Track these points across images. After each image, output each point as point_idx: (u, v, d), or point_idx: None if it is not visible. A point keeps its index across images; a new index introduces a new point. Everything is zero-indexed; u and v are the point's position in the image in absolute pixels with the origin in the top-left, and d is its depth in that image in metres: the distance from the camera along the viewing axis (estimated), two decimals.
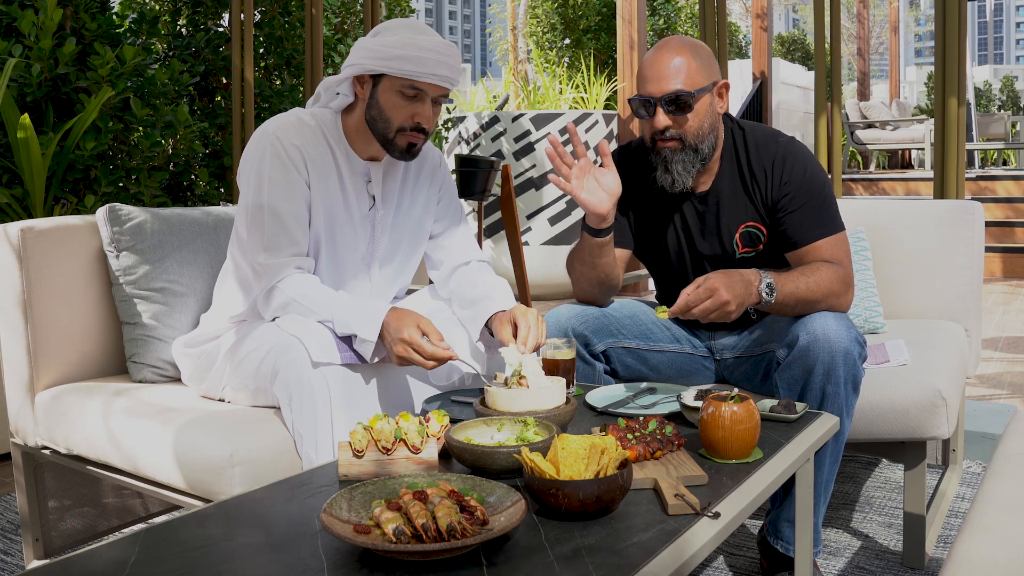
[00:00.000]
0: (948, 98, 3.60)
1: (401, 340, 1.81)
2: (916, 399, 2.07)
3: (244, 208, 1.98)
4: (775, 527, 2.02)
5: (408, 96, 1.92)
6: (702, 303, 1.83)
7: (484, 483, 1.28)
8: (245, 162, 1.99)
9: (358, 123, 2.01)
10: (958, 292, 2.65)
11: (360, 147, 2.04)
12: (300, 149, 1.96)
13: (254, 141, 1.99)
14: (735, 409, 1.48)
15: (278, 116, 2.02)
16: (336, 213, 2.01)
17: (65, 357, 2.18)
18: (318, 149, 1.99)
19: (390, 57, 1.89)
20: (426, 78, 1.89)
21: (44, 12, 3.49)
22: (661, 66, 2.01)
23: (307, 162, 1.96)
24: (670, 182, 2.06)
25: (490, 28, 15.98)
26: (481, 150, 6.38)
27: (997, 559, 1.10)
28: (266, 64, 5.33)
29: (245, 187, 1.98)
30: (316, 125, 2.01)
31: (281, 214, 1.94)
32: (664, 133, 2.02)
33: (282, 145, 1.94)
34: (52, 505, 2.36)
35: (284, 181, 1.94)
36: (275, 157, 1.94)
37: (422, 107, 1.93)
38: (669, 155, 2.04)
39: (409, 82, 1.90)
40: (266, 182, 1.94)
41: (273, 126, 1.97)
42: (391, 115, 1.94)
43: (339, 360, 1.83)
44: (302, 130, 1.98)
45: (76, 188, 3.81)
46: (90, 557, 1.17)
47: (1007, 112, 22.36)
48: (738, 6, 22.20)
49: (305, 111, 2.04)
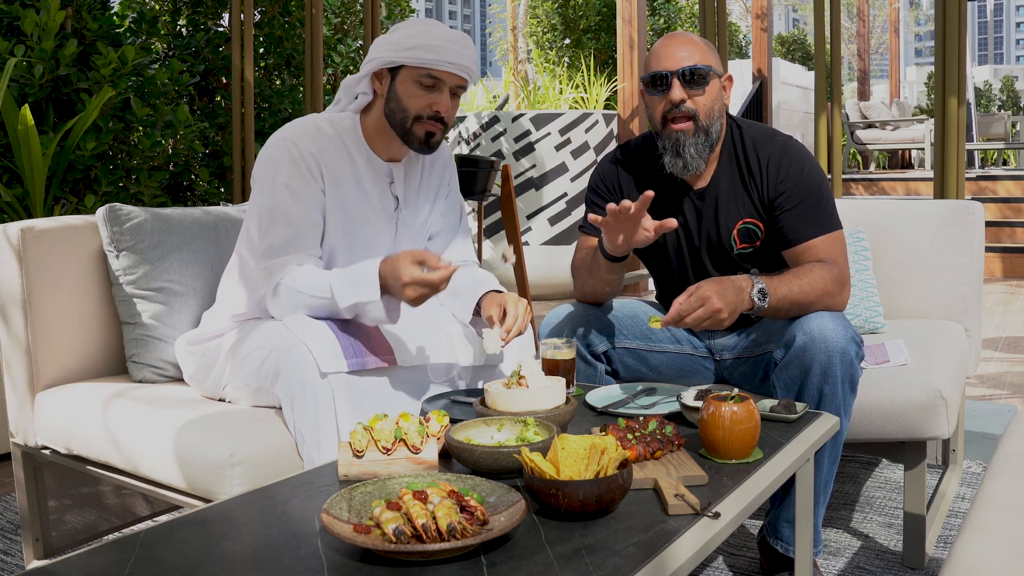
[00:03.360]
0: (948, 98, 3.60)
1: (405, 284, 1.78)
2: (916, 399, 2.07)
3: (257, 211, 1.99)
4: (775, 527, 2.02)
5: (426, 86, 1.94)
6: (694, 312, 1.83)
7: (484, 483, 1.28)
8: (261, 166, 2.01)
9: (377, 122, 2.02)
10: (958, 292, 2.65)
11: (380, 148, 2.05)
12: (316, 157, 1.97)
13: (271, 146, 2.00)
14: (735, 409, 1.48)
15: (296, 121, 2.03)
16: (358, 218, 2.02)
17: (65, 357, 2.18)
18: (335, 157, 2.00)
19: (406, 47, 1.92)
20: (442, 66, 1.92)
21: (46, 12, 3.49)
22: (675, 46, 2.03)
23: (323, 170, 1.98)
24: (681, 166, 2.05)
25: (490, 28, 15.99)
26: (481, 150, 6.38)
27: (997, 559, 1.10)
28: (266, 64, 5.33)
29: (259, 190, 1.99)
30: (334, 132, 2.02)
31: (295, 220, 1.94)
32: (680, 107, 2.02)
33: (299, 152, 1.96)
34: (52, 505, 2.36)
35: (300, 187, 1.95)
36: (292, 163, 1.95)
37: (440, 96, 1.95)
38: (681, 138, 2.03)
39: (426, 71, 1.92)
40: (280, 188, 1.95)
41: (291, 132, 1.99)
42: (408, 104, 1.95)
43: (346, 368, 1.82)
44: (319, 137, 1.99)
45: (76, 188, 3.81)
46: (90, 557, 1.17)
47: (1007, 112, 22.37)
48: (738, 6, 22.19)
49: (323, 117, 2.05)
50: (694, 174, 2.09)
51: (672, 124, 2.03)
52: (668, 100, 2.03)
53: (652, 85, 2.05)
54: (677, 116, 2.03)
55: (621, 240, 1.95)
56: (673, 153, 2.05)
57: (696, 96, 2.03)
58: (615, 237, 1.95)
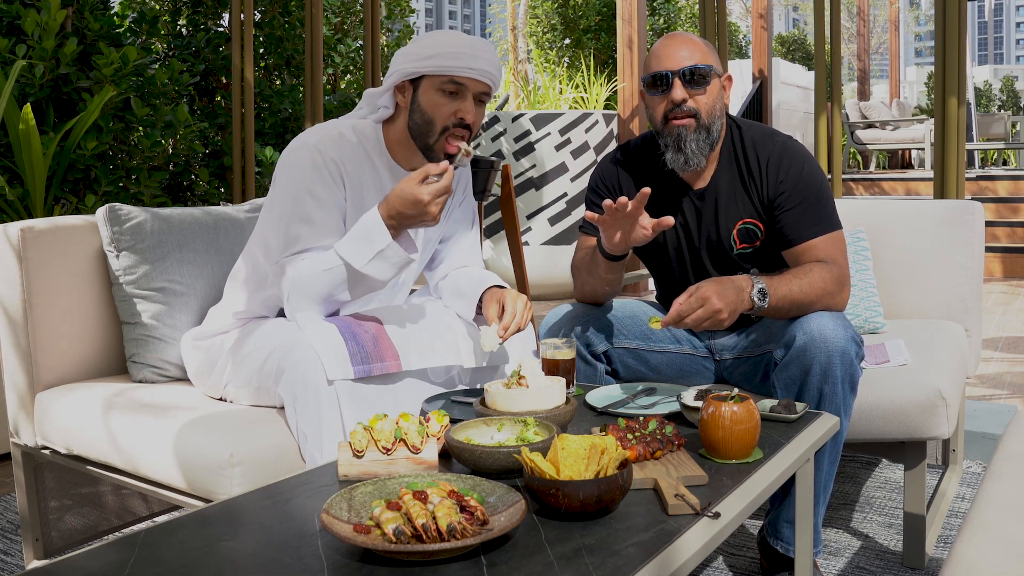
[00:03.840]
0: (948, 98, 3.60)
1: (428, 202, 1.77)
2: (916, 399, 2.07)
3: (277, 215, 1.97)
4: (775, 527, 2.02)
5: (449, 92, 1.93)
6: (694, 312, 1.83)
7: (484, 483, 1.28)
8: (283, 170, 1.99)
9: (400, 134, 2.02)
10: (958, 292, 2.65)
11: (403, 158, 2.05)
12: (339, 164, 1.96)
13: (294, 151, 1.98)
14: (735, 409, 1.48)
15: (319, 127, 2.02)
16: None
17: (65, 357, 2.18)
18: (357, 165, 1.99)
19: (426, 56, 1.91)
20: (464, 72, 1.91)
21: (47, 12, 3.49)
22: (675, 46, 2.03)
23: (345, 178, 1.97)
24: (683, 161, 2.04)
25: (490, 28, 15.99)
26: (481, 150, 6.38)
27: (997, 559, 1.10)
28: (266, 64, 5.33)
29: (282, 195, 1.97)
30: (357, 141, 2.01)
31: (317, 226, 1.93)
32: (681, 106, 2.02)
33: (322, 158, 1.95)
34: (52, 505, 2.36)
35: (323, 193, 1.94)
36: (314, 169, 1.94)
37: (464, 103, 1.94)
38: (683, 133, 2.02)
39: (448, 77, 1.92)
40: (305, 193, 1.93)
41: (314, 138, 1.97)
42: (434, 114, 1.94)
43: (352, 375, 1.81)
44: (342, 145, 1.98)
45: (76, 188, 3.81)
46: (90, 557, 1.17)
47: (1007, 112, 22.37)
48: (738, 6, 22.20)
49: (345, 124, 2.03)
50: (694, 172, 2.09)
51: (674, 120, 2.03)
52: (670, 100, 2.03)
53: (653, 85, 2.05)
54: (679, 114, 2.03)
55: (619, 238, 1.95)
56: (675, 148, 2.04)
57: (697, 95, 2.03)
58: (613, 235, 1.95)
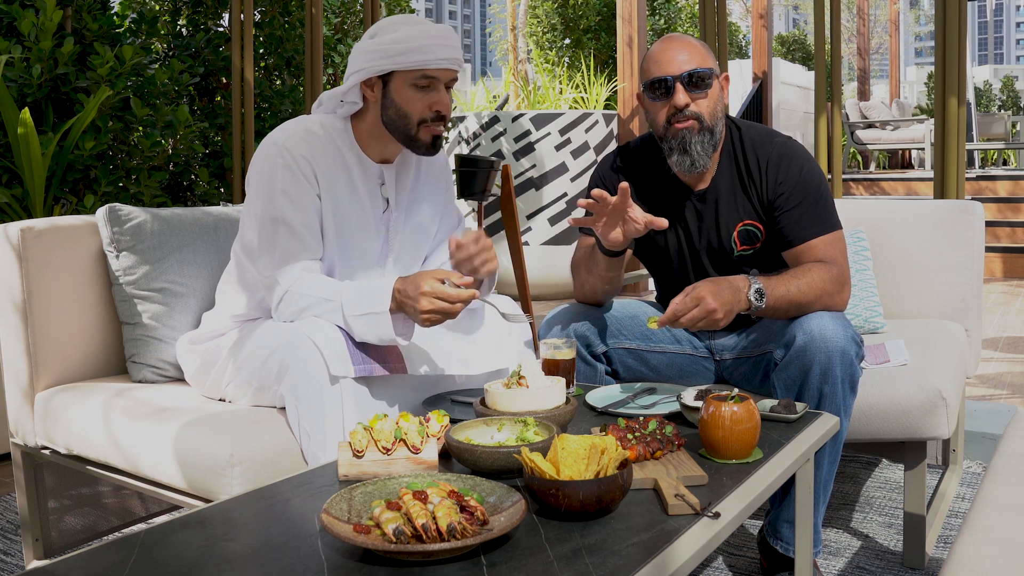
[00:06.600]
0: (948, 98, 3.60)
1: (423, 293, 1.77)
2: (916, 399, 2.07)
3: (255, 218, 1.98)
4: (775, 527, 2.02)
5: (422, 87, 1.94)
6: (689, 312, 1.83)
7: (484, 483, 1.28)
8: (255, 172, 1.99)
9: (372, 127, 2.01)
10: (958, 292, 2.65)
11: (372, 150, 2.04)
12: (310, 160, 1.96)
13: (263, 152, 1.98)
14: (735, 409, 1.48)
15: (285, 126, 2.01)
16: (350, 219, 2.01)
17: (65, 357, 2.18)
18: (328, 159, 1.99)
19: (397, 53, 1.91)
20: (436, 64, 1.92)
21: (44, 13, 3.49)
22: (674, 51, 2.03)
23: (317, 173, 1.97)
24: (689, 164, 2.04)
25: (490, 28, 16.00)
26: (481, 150, 6.38)
27: (997, 560, 1.10)
28: (266, 64, 5.33)
29: (255, 197, 1.98)
30: (325, 134, 2.00)
31: (294, 225, 1.94)
32: (683, 111, 2.02)
33: (292, 156, 1.94)
34: (52, 505, 2.36)
35: (296, 193, 1.94)
36: (285, 169, 1.94)
37: (438, 95, 1.95)
38: (687, 135, 2.02)
39: (421, 72, 1.92)
40: (277, 194, 1.94)
41: (281, 137, 1.97)
42: (409, 110, 1.95)
43: (352, 373, 1.81)
44: (310, 140, 1.98)
45: (76, 188, 3.81)
46: (90, 557, 1.17)
47: (1007, 112, 22.36)
48: (738, 6, 22.20)
49: (313, 119, 2.03)
50: (697, 174, 2.09)
51: (677, 124, 2.03)
52: (672, 105, 2.02)
53: (653, 91, 2.04)
54: (682, 118, 2.02)
55: (613, 234, 1.96)
56: (680, 151, 2.04)
57: (699, 99, 2.02)
58: (607, 232, 1.96)
